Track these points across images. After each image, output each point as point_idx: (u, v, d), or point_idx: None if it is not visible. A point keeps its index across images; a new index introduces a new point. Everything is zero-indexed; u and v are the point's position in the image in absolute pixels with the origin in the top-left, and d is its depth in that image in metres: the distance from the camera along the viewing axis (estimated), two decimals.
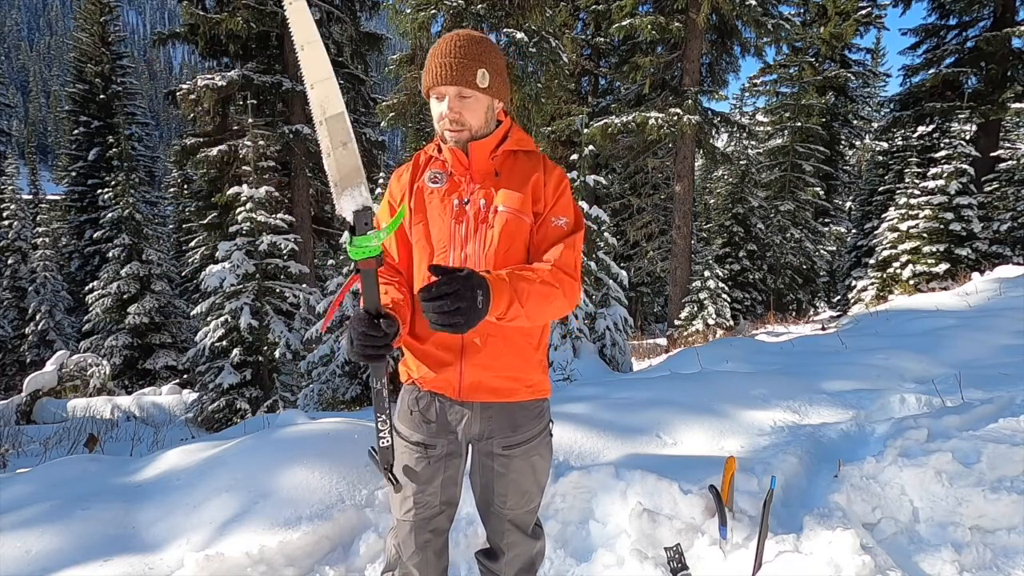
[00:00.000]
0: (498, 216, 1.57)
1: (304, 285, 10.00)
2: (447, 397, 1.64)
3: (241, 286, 9.00)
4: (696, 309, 13.81)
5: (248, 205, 9.16)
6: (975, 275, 10.33)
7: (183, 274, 19.45)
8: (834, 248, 22.50)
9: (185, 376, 14.12)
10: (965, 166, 12.69)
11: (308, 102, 1.34)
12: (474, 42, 1.55)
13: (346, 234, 1.35)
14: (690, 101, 13.16)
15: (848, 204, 24.94)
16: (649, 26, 12.87)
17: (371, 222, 1.33)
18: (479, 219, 1.58)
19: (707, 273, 13.85)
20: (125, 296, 15.11)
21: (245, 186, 9.33)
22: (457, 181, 1.61)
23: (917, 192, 13.05)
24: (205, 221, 13.74)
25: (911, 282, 12.59)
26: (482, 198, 1.59)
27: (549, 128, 15.02)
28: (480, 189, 1.60)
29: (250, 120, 9.81)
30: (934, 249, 12.51)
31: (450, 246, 1.58)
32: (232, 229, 9.31)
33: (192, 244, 16.88)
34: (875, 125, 22.42)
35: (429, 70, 1.55)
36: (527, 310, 1.42)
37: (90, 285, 15.83)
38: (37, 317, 17.82)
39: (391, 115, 10.27)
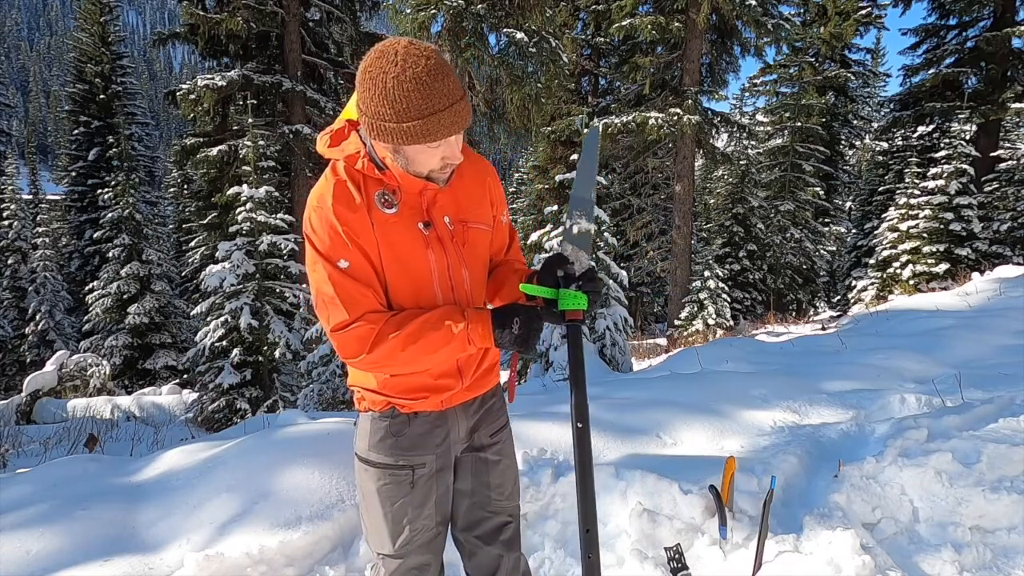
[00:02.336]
0: (471, 232, 1.51)
1: (304, 285, 9.99)
2: (431, 412, 1.54)
3: (241, 286, 9.00)
4: (696, 309, 13.81)
5: (248, 205, 9.16)
6: (975, 275, 10.33)
7: (183, 274, 19.47)
8: (834, 248, 22.50)
9: (185, 376, 14.11)
10: (965, 166, 12.70)
11: (308, 102, 1.34)
12: (451, 72, 1.30)
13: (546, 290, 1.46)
14: (690, 101, 13.16)
15: (848, 204, 24.95)
16: (649, 26, 12.87)
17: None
18: (456, 241, 1.48)
19: (707, 273, 13.85)
20: (125, 296, 15.11)
21: (245, 186, 9.33)
22: (410, 202, 1.42)
23: (917, 192, 13.06)
24: (205, 221, 13.73)
25: (911, 282, 12.59)
26: (445, 215, 1.46)
27: (549, 128, 15.03)
28: (435, 205, 1.45)
29: (250, 120, 9.80)
30: (934, 249, 12.51)
31: (434, 275, 1.45)
32: (232, 229, 9.31)
33: (192, 244, 16.88)
34: (875, 125, 22.44)
35: (435, 124, 1.26)
36: None
37: (90, 285, 15.83)
38: (37, 317, 17.83)
39: None
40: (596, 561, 1.44)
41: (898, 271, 13.01)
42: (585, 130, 10.37)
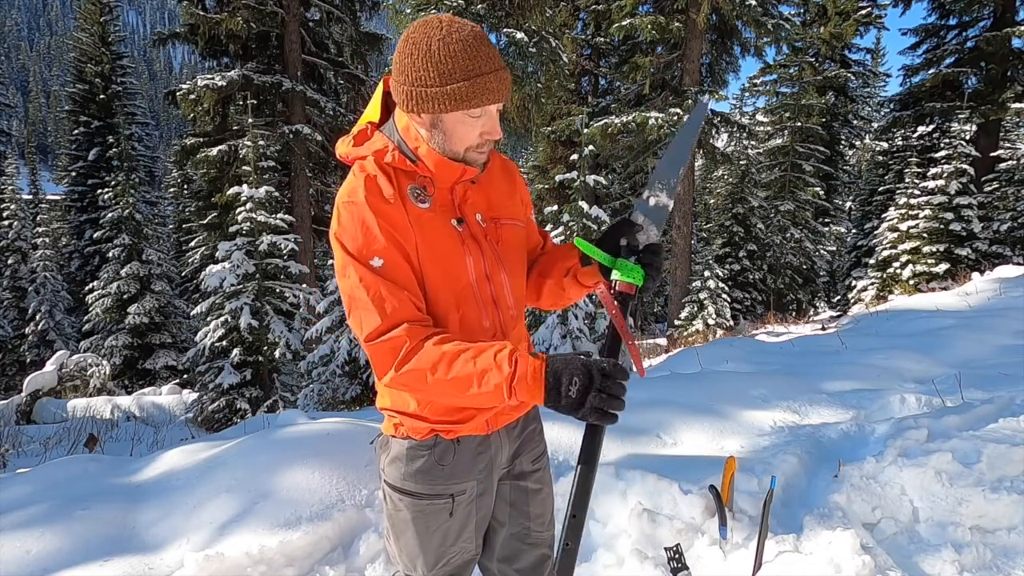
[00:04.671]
0: (505, 229, 1.41)
1: (304, 285, 10.00)
2: (475, 436, 1.42)
3: (241, 286, 9.00)
4: (696, 309, 13.81)
5: (248, 205, 9.16)
6: (975, 275, 10.33)
7: (183, 274, 19.47)
8: (834, 248, 22.51)
9: (185, 376, 14.12)
10: (965, 166, 12.70)
11: (308, 102, 1.31)
12: (492, 44, 1.27)
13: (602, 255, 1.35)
14: (690, 101, 13.16)
15: (848, 204, 24.96)
16: (649, 26, 12.87)
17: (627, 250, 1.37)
18: (490, 239, 1.37)
19: (707, 273, 13.85)
20: (125, 296, 15.12)
21: (245, 186, 9.33)
22: (441, 198, 1.33)
23: (917, 192, 13.06)
24: (205, 221, 13.75)
25: (911, 282, 12.59)
26: (477, 212, 1.37)
27: (549, 128, 15.03)
28: (467, 201, 1.37)
29: (250, 120, 9.80)
30: (934, 249, 12.52)
31: (470, 275, 1.33)
32: (232, 229, 9.31)
33: (192, 244, 16.89)
34: (875, 125, 22.45)
35: (481, 87, 1.19)
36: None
37: (90, 285, 15.85)
38: (37, 317, 17.84)
39: None
40: (574, 549, 1.31)
41: (898, 271, 13.01)
42: (585, 129, 10.35)
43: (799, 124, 19.77)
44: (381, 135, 1.33)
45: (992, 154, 15.08)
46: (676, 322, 14.09)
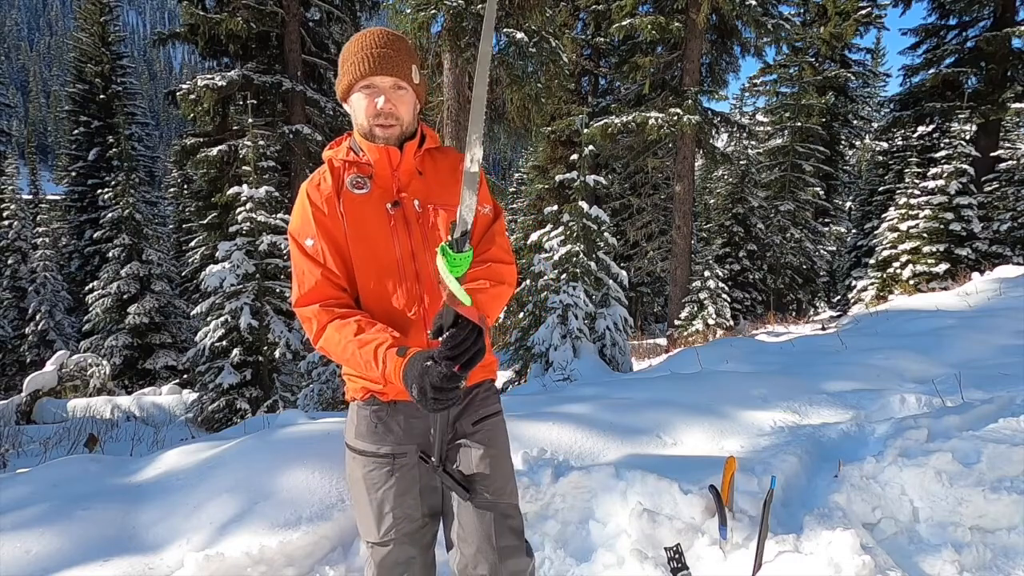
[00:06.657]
0: (441, 216, 1.53)
1: None
2: (409, 402, 1.52)
3: (241, 286, 9.00)
4: (696, 309, 13.81)
5: (248, 205, 9.16)
6: (975, 275, 10.33)
7: (183, 274, 19.45)
8: (834, 248, 22.49)
9: (185, 376, 14.12)
10: (965, 166, 12.70)
11: (308, 102, 1.36)
12: (400, 39, 1.51)
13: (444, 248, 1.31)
14: (690, 101, 13.15)
15: (848, 204, 24.95)
16: (649, 26, 12.87)
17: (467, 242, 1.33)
18: (422, 222, 1.52)
19: (707, 273, 13.85)
20: (125, 296, 15.12)
21: (245, 186, 9.33)
22: (382, 184, 1.53)
23: (917, 192, 13.06)
24: (205, 221, 13.73)
25: (911, 282, 12.59)
26: (415, 198, 1.53)
27: (549, 128, 15.03)
28: (407, 188, 1.53)
29: (250, 120, 9.80)
30: (934, 249, 12.51)
31: (396, 253, 1.50)
32: (232, 229, 9.31)
33: (192, 244, 16.86)
34: (875, 125, 22.43)
35: (358, 62, 1.46)
36: (491, 319, 1.46)
37: (90, 285, 15.85)
38: (37, 317, 17.84)
39: None
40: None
41: (898, 271, 13.01)
42: (585, 129, 10.35)
43: (799, 124, 19.76)
44: (347, 141, 1.60)
45: (992, 154, 15.08)
46: (676, 322, 14.09)
